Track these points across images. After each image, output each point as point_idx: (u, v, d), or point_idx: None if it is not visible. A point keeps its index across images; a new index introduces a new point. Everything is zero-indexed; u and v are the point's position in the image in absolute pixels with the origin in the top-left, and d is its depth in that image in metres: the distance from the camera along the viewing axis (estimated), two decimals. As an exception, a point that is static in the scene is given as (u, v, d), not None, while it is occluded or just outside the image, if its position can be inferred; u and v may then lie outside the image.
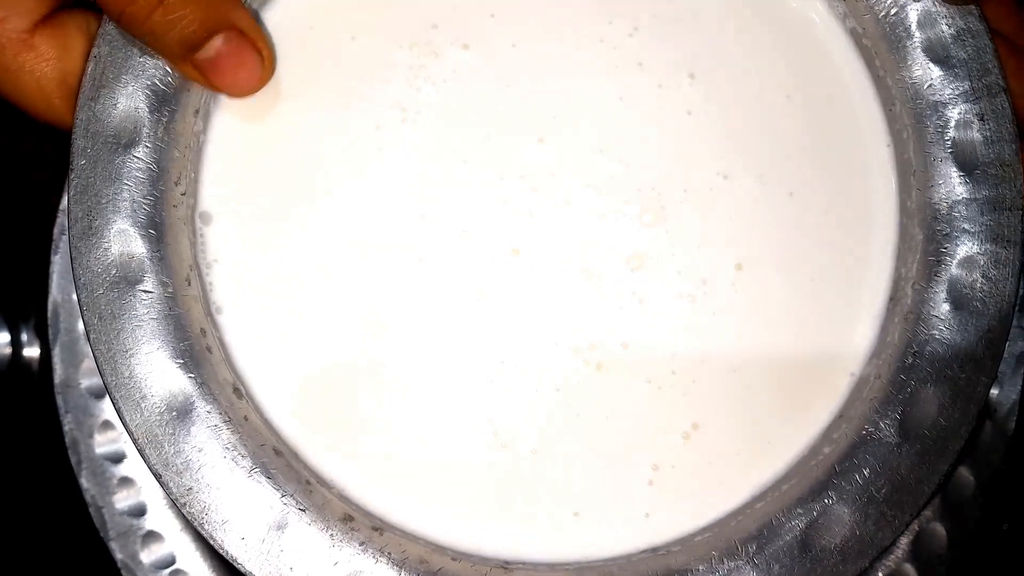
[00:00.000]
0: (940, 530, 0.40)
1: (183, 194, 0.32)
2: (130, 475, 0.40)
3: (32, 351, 0.44)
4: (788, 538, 0.31)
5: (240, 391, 0.32)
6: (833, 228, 0.34)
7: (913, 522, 0.32)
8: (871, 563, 0.31)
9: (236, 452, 0.30)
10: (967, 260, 0.32)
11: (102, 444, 0.40)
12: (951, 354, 0.32)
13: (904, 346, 0.32)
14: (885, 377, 0.32)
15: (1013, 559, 0.44)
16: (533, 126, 0.34)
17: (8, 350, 0.43)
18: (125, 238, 0.31)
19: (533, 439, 0.33)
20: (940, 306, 0.32)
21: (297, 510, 0.30)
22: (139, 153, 0.31)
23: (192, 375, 0.30)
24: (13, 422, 0.44)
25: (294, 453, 0.32)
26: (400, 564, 0.30)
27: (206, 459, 0.30)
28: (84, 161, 0.30)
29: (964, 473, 0.40)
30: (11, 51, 0.30)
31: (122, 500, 0.40)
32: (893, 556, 0.40)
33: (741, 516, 0.32)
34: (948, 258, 0.32)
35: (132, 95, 0.31)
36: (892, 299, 0.33)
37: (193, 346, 0.31)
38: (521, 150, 0.33)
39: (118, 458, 0.40)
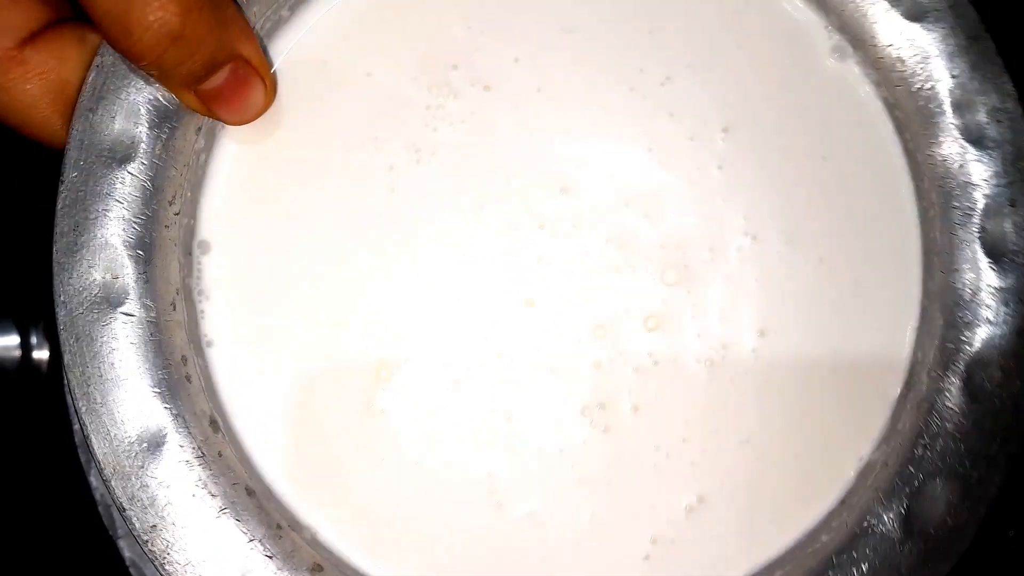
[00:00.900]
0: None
1: (177, 214, 0.31)
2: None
3: (41, 353, 0.43)
4: (778, 631, 0.29)
5: (217, 424, 0.30)
6: (859, 301, 0.32)
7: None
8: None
9: (206, 490, 0.29)
10: (986, 352, 0.30)
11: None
12: (963, 449, 0.30)
13: (915, 435, 0.31)
14: (893, 466, 0.31)
15: (1019, 566, 0.43)
16: (555, 174, 0.32)
17: (18, 352, 0.43)
18: (111, 257, 0.29)
19: (530, 501, 0.31)
20: (955, 397, 0.31)
21: (264, 556, 0.29)
22: (134, 169, 0.30)
23: (168, 406, 0.29)
24: (23, 422, 0.44)
25: (268, 491, 0.31)
26: (368, 623, 0.29)
27: (173, 495, 0.29)
28: (76, 174, 0.29)
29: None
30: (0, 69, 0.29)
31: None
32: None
33: (731, 602, 0.30)
34: (967, 347, 0.31)
35: (132, 108, 0.30)
36: (907, 384, 0.32)
37: (172, 374, 0.29)
38: (541, 199, 0.32)
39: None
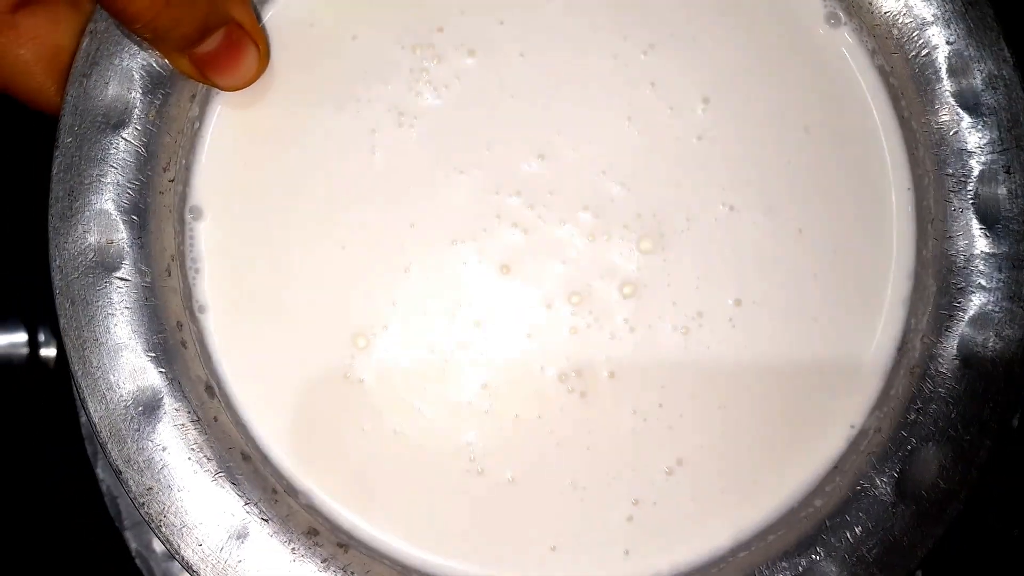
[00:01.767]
0: None
1: (171, 180, 0.31)
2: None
3: (49, 351, 0.44)
4: (771, 593, 0.29)
5: (213, 389, 0.30)
6: (841, 271, 0.32)
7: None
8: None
9: (202, 454, 0.29)
10: (980, 317, 0.30)
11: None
12: (956, 413, 0.30)
13: (908, 401, 0.31)
14: (886, 432, 0.31)
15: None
16: (535, 140, 0.32)
17: (26, 350, 0.44)
18: (106, 222, 0.29)
19: (511, 466, 0.31)
20: (949, 362, 0.31)
21: (260, 520, 0.29)
22: (128, 135, 0.30)
23: (163, 370, 0.29)
24: (32, 417, 0.45)
25: (263, 457, 0.31)
26: (363, 585, 0.29)
27: (169, 459, 0.29)
28: (70, 139, 0.29)
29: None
30: None
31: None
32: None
33: (723, 565, 0.31)
34: (961, 313, 0.31)
35: (126, 74, 0.30)
36: (900, 350, 0.32)
37: (167, 339, 0.30)
38: (520, 164, 0.32)
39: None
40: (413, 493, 0.31)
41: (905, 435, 0.30)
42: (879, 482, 0.30)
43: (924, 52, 0.32)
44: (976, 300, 0.31)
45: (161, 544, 0.38)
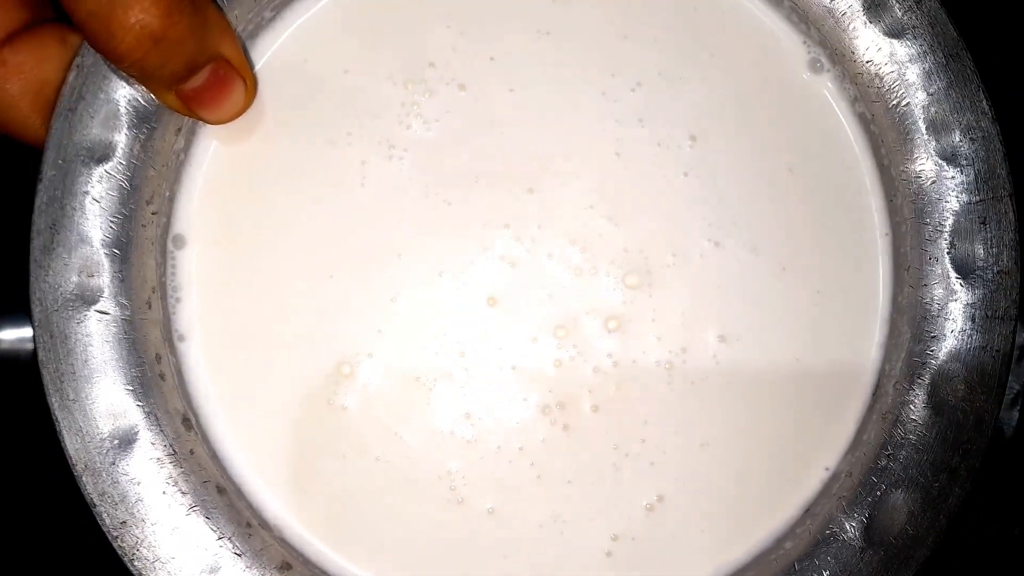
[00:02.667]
0: None
1: (154, 214, 0.31)
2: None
3: None
4: (738, 636, 0.30)
5: (190, 421, 0.31)
6: (823, 311, 0.33)
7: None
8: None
9: (176, 487, 0.29)
10: (951, 366, 0.31)
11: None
12: (926, 460, 0.31)
13: (879, 446, 0.31)
14: (856, 476, 0.31)
15: (1024, 564, 0.43)
16: (524, 174, 0.33)
17: (31, 345, 0.44)
18: (87, 255, 0.30)
19: (491, 497, 0.32)
20: (920, 410, 0.31)
21: (233, 554, 0.29)
22: (112, 169, 0.30)
23: (140, 403, 0.29)
24: (36, 414, 0.44)
25: (238, 490, 0.31)
26: (335, 621, 0.30)
27: (144, 492, 0.29)
28: (54, 172, 0.29)
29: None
30: None
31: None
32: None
33: (694, 605, 0.31)
34: (933, 361, 0.31)
35: (112, 109, 0.30)
36: (874, 395, 0.32)
37: (146, 372, 0.30)
38: (509, 198, 0.32)
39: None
40: (391, 521, 0.31)
41: (875, 480, 0.31)
42: (848, 527, 0.31)
43: (904, 102, 0.32)
44: (948, 348, 0.31)
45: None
